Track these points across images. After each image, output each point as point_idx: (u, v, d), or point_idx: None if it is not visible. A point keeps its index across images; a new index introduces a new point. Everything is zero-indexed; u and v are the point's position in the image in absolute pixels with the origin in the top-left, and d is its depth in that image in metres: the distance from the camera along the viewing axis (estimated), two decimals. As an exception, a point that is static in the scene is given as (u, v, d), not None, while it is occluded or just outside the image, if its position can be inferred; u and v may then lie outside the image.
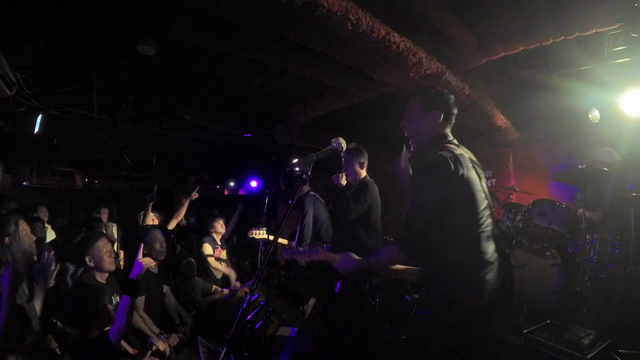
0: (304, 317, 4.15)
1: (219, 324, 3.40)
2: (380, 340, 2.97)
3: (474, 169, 1.81)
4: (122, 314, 2.15)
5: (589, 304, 3.46)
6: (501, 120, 4.62)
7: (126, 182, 11.14)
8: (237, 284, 4.71)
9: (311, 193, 4.57)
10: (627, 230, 3.43)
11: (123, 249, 5.66)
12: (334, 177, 3.53)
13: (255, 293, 3.14)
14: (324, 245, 3.95)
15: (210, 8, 2.28)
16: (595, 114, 4.10)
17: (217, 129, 5.67)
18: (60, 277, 2.66)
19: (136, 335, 2.96)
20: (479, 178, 1.81)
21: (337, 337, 3.17)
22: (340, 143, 1.90)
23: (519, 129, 5.23)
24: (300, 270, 4.79)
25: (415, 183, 1.77)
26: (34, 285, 2.42)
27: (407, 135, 2.00)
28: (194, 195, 4.85)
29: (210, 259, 4.68)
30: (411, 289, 3.10)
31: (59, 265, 2.45)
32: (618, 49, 3.39)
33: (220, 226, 4.95)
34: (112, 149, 7.10)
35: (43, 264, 2.37)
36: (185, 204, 4.81)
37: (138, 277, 2.27)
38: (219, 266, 4.75)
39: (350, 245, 2.15)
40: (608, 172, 3.62)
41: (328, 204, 4.57)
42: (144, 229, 3.96)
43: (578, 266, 3.65)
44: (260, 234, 4.16)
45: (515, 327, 3.29)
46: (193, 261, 4.32)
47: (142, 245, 2.53)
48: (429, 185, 1.72)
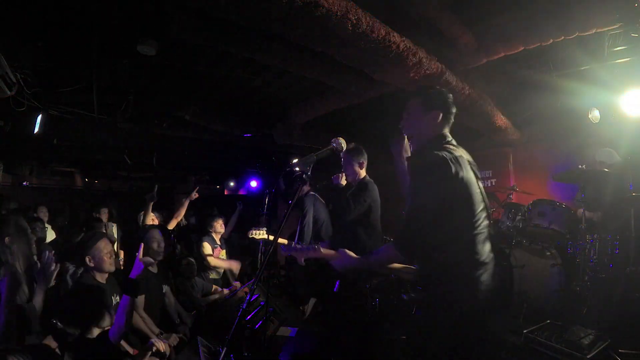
0: (304, 317, 4.15)
1: (219, 324, 3.40)
2: (380, 340, 2.97)
3: (472, 170, 1.82)
4: (122, 314, 2.15)
5: (589, 304, 3.46)
6: (501, 120, 4.62)
7: (126, 182, 11.14)
8: (237, 284, 4.71)
9: (311, 193, 4.57)
10: (627, 230, 3.43)
11: (123, 249, 5.66)
12: (334, 177, 3.53)
13: (255, 293, 3.15)
14: (319, 242, 3.96)
15: (210, 8, 2.28)
16: (595, 114, 4.10)
17: (217, 129, 5.67)
18: (60, 277, 2.67)
19: (136, 335, 2.96)
20: (476, 179, 1.82)
21: (337, 337, 3.18)
22: (340, 143, 1.90)
23: (519, 129, 5.23)
24: (300, 270, 4.79)
25: (415, 183, 1.78)
26: (34, 285, 2.42)
27: (407, 135, 2.01)
28: (194, 195, 4.85)
29: (210, 258, 4.67)
30: (410, 288, 3.11)
31: (59, 265, 2.46)
32: (618, 49, 3.39)
33: (219, 226, 4.95)
34: (112, 149, 7.10)
35: (43, 264, 2.38)
36: (185, 204, 4.81)
37: (138, 277, 2.27)
38: (220, 263, 4.73)
39: (350, 245, 2.15)
40: (608, 172, 3.62)
41: (328, 204, 4.57)
42: (143, 228, 3.96)
43: (578, 266, 3.65)
44: (260, 234, 4.15)
45: (515, 327, 3.29)
46: (193, 261, 4.32)
47: (142, 245, 2.53)
48: (429, 186, 1.72)
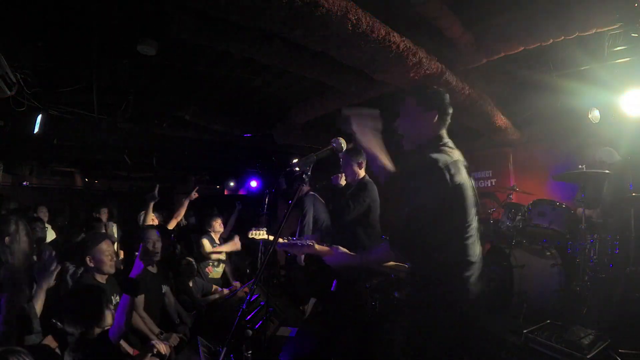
0: (304, 317, 4.15)
1: (219, 324, 3.41)
2: (380, 340, 2.97)
3: (467, 172, 1.82)
4: (122, 313, 2.15)
5: (589, 304, 3.45)
6: (501, 120, 4.62)
7: (126, 182, 11.15)
8: (237, 284, 4.71)
9: (311, 193, 4.57)
10: (627, 230, 3.43)
11: (123, 249, 5.66)
12: (333, 177, 3.53)
13: (255, 293, 3.14)
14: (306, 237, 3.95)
15: (210, 8, 2.28)
16: (595, 114, 4.10)
17: (217, 129, 5.67)
18: (60, 277, 2.66)
19: (136, 335, 2.96)
20: (469, 180, 1.82)
21: (337, 337, 3.17)
22: (340, 143, 1.90)
23: (519, 129, 5.22)
24: (300, 270, 4.79)
25: (413, 183, 1.76)
26: (34, 285, 2.42)
27: (403, 135, 1.98)
28: (194, 195, 4.85)
29: (210, 252, 4.68)
30: (402, 286, 3.08)
31: (59, 266, 2.46)
32: (618, 49, 3.39)
33: (218, 225, 4.95)
34: (112, 149, 7.10)
35: (43, 263, 2.38)
36: (185, 204, 4.81)
37: (138, 277, 2.27)
38: (221, 249, 4.73)
39: (349, 245, 2.15)
40: (608, 172, 3.62)
41: (328, 204, 4.57)
42: (142, 228, 3.96)
43: (578, 266, 3.65)
44: (260, 234, 4.15)
45: (515, 327, 3.29)
46: (193, 261, 4.32)
47: (142, 245, 2.53)
48: (426, 188, 1.71)
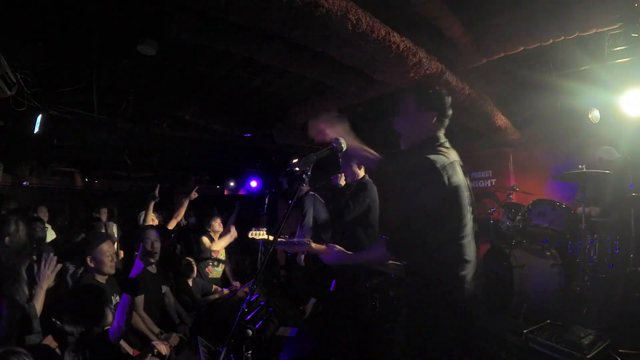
0: (304, 317, 4.15)
1: (219, 324, 3.41)
2: (380, 340, 2.97)
3: (462, 172, 1.82)
4: (122, 313, 2.15)
5: (589, 304, 3.45)
6: (501, 120, 4.62)
7: (126, 182, 11.15)
8: (237, 284, 4.71)
9: (311, 193, 4.57)
10: (627, 230, 3.43)
11: (122, 248, 5.66)
12: (333, 178, 3.53)
13: (255, 293, 3.14)
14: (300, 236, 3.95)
15: (210, 8, 2.28)
16: (595, 114, 4.10)
17: (217, 129, 5.67)
18: (60, 277, 2.66)
19: (136, 335, 2.96)
20: (465, 180, 1.81)
21: (337, 337, 3.18)
22: (340, 143, 1.89)
23: (519, 129, 5.22)
24: (300, 270, 4.79)
25: (411, 184, 1.75)
26: (34, 285, 2.42)
27: (400, 134, 1.97)
28: (194, 195, 4.85)
29: (212, 245, 4.69)
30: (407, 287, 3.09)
31: (59, 265, 2.46)
32: (618, 49, 3.39)
33: (217, 225, 4.95)
34: (112, 149, 7.10)
35: (43, 263, 2.38)
36: (185, 203, 4.81)
37: (138, 277, 2.27)
38: (221, 243, 4.73)
39: (349, 245, 2.14)
40: (608, 172, 3.62)
41: (328, 204, 4.57)
42: (141, 228, 3.96)
43: (578, 266, 3.65)
44: (260, 234, 4.15)
45: (515, 327, 3.29)
46: (192, 261, 4.32)
47: (142, 245, 2.53)
48: (422, 189, 1.70)
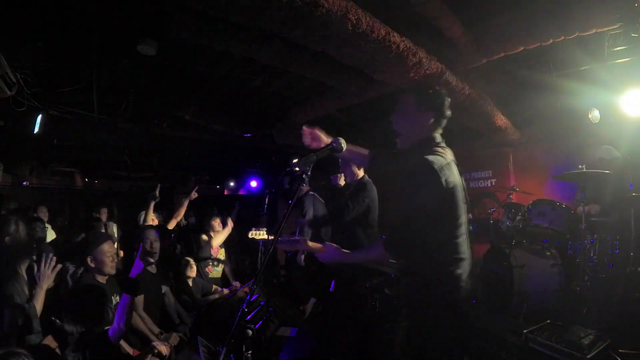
0: (304, 317, 4.15)
1: (219, 324, 3.40)
2: (380, 340, 2.97)
3: (458, 171, 1.81)
4: (122, 313, 2.14)
5: (589, 304, 3.45)
6: (501, 120, 4.62)
7: (126, 182, 11.15)
8: (237, 284, 4.71)
9: (311, 193, 4.57)
10: (627, 230, 3.43)
11: (122, 249, 5.66)
12: (332, 178, 3.53)
13: (255, 293, 3.14)
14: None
15: (210, 8, 2.28)
16: (595, 114, 4.10)
17: (217, 129, 5.67)
18: (60, 277, 2.66)
19: (136, 335, 2.96)
20: (460, 180, 1.81)
21: (337, 337, 3.17)
22: (340, 143, 1.89)
23: (519, 129, 5.23)
24: (300, 270, 4.79)
25: (408, 185, 1.74)
26: (34, 285, 2.42)
27: (398, 134, 1.95)
28: (193, 195, 4.85)
29: (210, 241, 4.70)
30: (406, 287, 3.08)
31: (59, 266, 2.46)
32: (618, 49, 3.39)
33: (217, 224, 4.95)
34: (112, 149, 7.10)
35: (43, 263, 2.38)
36: (185, 203, 4.80)
37: (137, 277, 2.27)
38: (220, 237, 4.74)
39: (348, 245, 2.14)
40: (608, 173, 3.62)
41: (327, 204, 4.57)
42: (141, 228, 3.96)
43: (578, 266, 3.65)
44: (260, 234, 4.15)
45: (515, 327, 3.29)
46: (192, 261, 4.32)
47: (142, 245, 2.53)
48: (419, 190, 1.69)
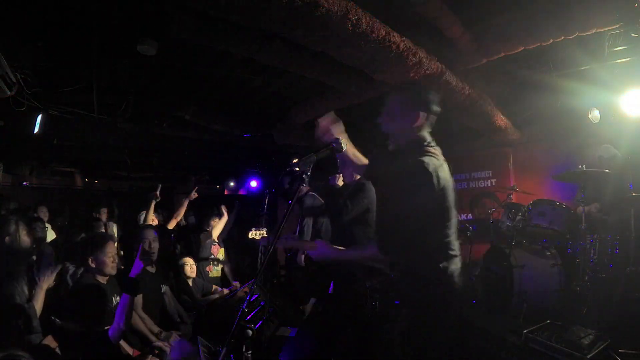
0: (304, 317, 4.15)
1: (219, 324, 3.40)
2: (380, 340, 2.97)
3: (449, 170, 1.80)
4: (122, 313, 2.15)
5: (589, 304, 3.45)
6: (501, 120, 4.62)
7: (126, 182, 11.14)
8: (237, 284, 4.71)
9: (311, 193, 4.56)
10: (627, 230, 3.43)
11: (122, 248, 5.66)
12: (331, 178, 3.51)
13: (255, 293, 3.14)
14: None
15: (210, 8, 2.28)
16: (595, 114, 4.10)
17: (217, 129, 5.67)
18: (60, 277, 2.66)
19: (136, 335, 2.96)
20: (451, 179, 1.80)
21: (337, 337, 3.17)
22: (340, 143, 1.89)
23: (519, 129, 5.22)
24: (300, 270, 4.79)
25: (403, 187, 1.73)
26: (34, 285, 2.42)
27: (388, 134, 1.94)
28: (193, 195, 4.85)
29: (212, 232, 4.75)
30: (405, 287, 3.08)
31: (59, 266, 2.46)
32: (618, 49, 3.39)
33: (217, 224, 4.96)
34: (112, 149, 7.10)
35: (43, 264, 2.38)
36: (185, 203, 4.81)
37: (137, 277, 2.27)
38: (218, 227, 4.80)
39: (347, 245, 2.14)
40: (608, 172, 3.62)
41: (326, 204, 4.56)
42: (140, 228, 3.96)
43: (578, 266, 3.65)
44: (260, 234, 4.15)
45: (515, 327, 3.28)
46: (193, 261, 4.32)
47: (142, 245, 2.53)
48: (419, 190, 1.68)
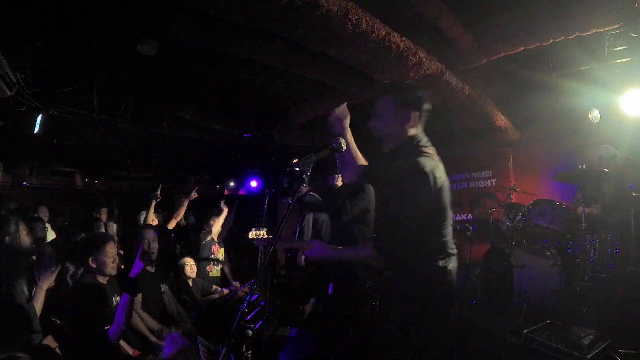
0: (304, 317, 4.15)
1: (219, 324, 3.40)
2: (380, 340, 2.97)
3: (443, 169, 1.79)
4: (122, 313, 2.15)
5: (589, 304, 3.45)
6: (501, 120, 4.62)
7: (126, 182, 11.15)
8: (237, 284, 4.71)
9: (311, 193, 4.57)
10: (627, 230, 3.42)
11: (122, 248, 5.66)
12: (330, 178, 3.51)
13: (255, 293, 3.14)
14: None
15: (210, 8, 2.28)
16: (595, 114, 4.10)
17: (217, 129, 5.67)
18: (60, 277, 2.66)
19: (136, 335, 2.96)
20: (447, 178, 1.78)
21: (337, 337, 3.17)
22: (340, 143, 1.88)
23: (519, 129, 5.22)
24: (300, 270, 4.79)
25: (400, 189, 1.72)
26: (34, 285, 2.42)
27: (380, 137, 1.90)
28: (193, 195, 4.85)
29: (212, 228, 4.75)
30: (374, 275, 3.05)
31: (59, 266, 2.46)
32: (618, 49, 3.39)
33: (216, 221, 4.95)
34: (112, 149, 7.10)
35: (43, 264, 2.38)
36: (185, 203, 4.81)
37: (137, 276, 2.27)
38: (218, 223, 4.80)
39: (347, 245, 2.14)
40: (608, 172, 3.62)
41: (327, 204, 4.56)
42: (139, 228, 3.96)
43: (578, 266, 3.65)
44: (260, 235, 4.15)
45: (515, 327, 3.28)
46: (193, 261, 4.32)
47: (142, 244, 2.53)
48: (417, 192, 1.67)
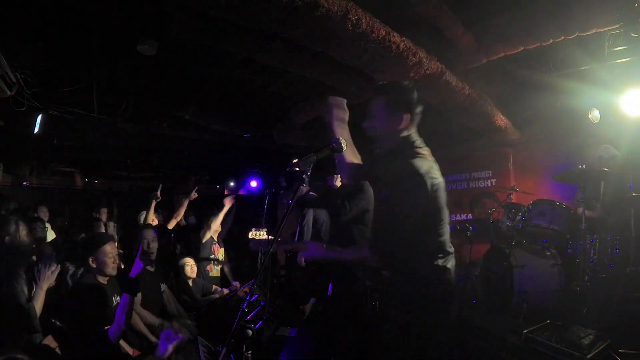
0: (304, 317, 4.15)
1: (219, 324, 3.40)
2: (380, 340, 2.97)
3: (439, 170, 1.79)
4: (122, 312, 2.15)
5: (589, 304, 3.45)
6: (501, 120, 4.62)
7: (126, 182, 11.15)
8: (237, 284, 4.71)
9: (311, 193, 4.57)
10: (627, 230, 3.42)
11: (122, 248, 5.66)
12: (329, 178, 3.51)
13: (255, 293, 3.14)
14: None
15: (210, 8, 2.28)
16: (595, 114, 4.10)
17: (217, 129, 5.67)
18: (60, 277, 2.66)
19: (136, 335, 2.96)
20: (442, 178, 1.79)
21: (337, 337, 3.17)
22: (340, 143, 1.88)
23: (519, 129, 5.22)
24: (300, 270, 4.79)
25: (397, 191, 1.72)
26: (34, 285, 2.42)
27: (374, 138, 1.90)
28: (193, 195, 4.85)
29: (212, 224, 4.70)
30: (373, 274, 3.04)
31: (59, 266, 2.46)
32: (618, 49, 3.39)
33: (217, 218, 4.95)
34: (112, 149, 7.10)
35: (43, 264, 2.38)
36: (185, 203, 4.81)
37: (137, 276, 2.27)
38: (217, 221, 4.75)
39: (346, 245, 2.14)
40: (608, 172, 3.62)
41: (327, 204, 4.57)
42: (139, 228, 3.96)
43: (578, 266, 3.65)
44: (260, 235, 4.15)
45: (515, 327, 3.28)
46: (193, 262, 4.32)
47: (142, 244, 2.53)
48: (413, 194, 1.67)
